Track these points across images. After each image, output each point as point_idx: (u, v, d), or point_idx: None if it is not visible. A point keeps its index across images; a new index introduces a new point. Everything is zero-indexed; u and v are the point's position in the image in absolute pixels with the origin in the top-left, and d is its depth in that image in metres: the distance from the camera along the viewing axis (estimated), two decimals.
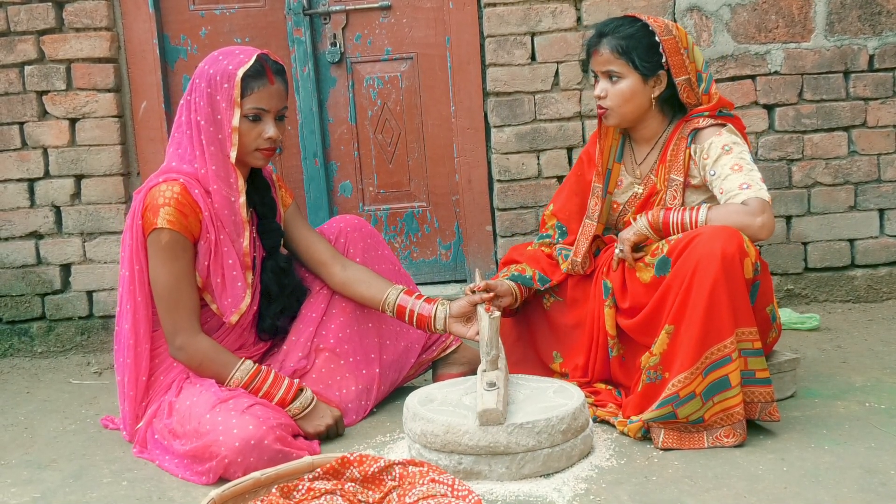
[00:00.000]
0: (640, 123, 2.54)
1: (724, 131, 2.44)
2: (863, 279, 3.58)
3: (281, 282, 2.56)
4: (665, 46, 2.45)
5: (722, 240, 2.20)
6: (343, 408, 2.52)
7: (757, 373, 2.25)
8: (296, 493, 1.82)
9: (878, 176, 3.54)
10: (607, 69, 2.47)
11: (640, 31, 2.47)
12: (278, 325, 2.58)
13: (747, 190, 2.33)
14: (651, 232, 2.42)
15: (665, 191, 2.50)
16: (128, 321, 2.43)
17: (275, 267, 2.56)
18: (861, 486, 1.98)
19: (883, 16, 3.47)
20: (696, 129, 2.47)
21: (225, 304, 2.44)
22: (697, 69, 2.50)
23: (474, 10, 3.53)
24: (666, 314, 2.27)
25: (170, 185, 2.36)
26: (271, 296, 2.56)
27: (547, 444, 2.10)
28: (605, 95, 2.49)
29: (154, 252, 2.36)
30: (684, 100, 2.50)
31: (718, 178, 2.38)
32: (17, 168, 3.48)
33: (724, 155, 2.39)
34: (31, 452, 2.50)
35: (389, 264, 2.74)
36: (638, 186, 2.59)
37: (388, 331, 2.68)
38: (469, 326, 2.50)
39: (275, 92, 2.42)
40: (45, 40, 3.44)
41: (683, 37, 2.49)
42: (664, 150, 2.53)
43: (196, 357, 2.38)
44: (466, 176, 3.60)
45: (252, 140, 2.41)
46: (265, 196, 2.58)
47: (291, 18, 3.58)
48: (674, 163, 2.48)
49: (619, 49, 2.45)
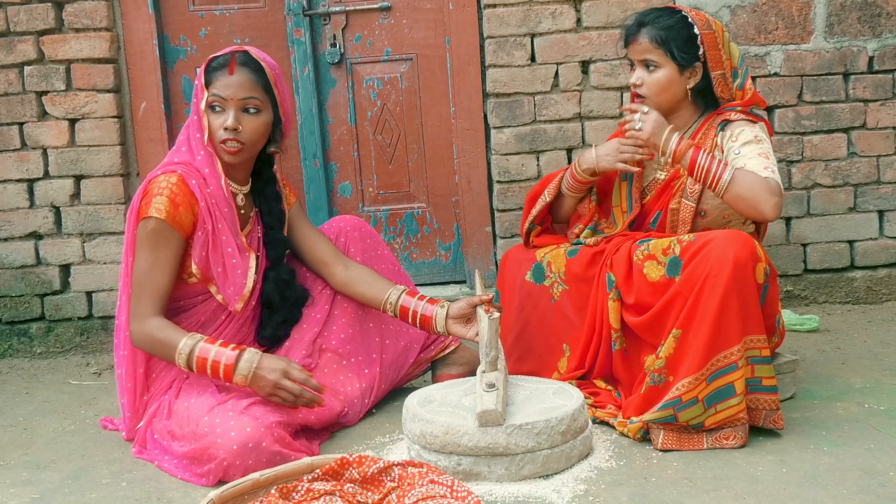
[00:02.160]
0: (673, 113, 2.57)
1: (757, 126, 2.48)
2: (862, 281, 3.58)
3: (283, 293, 2.57)
4: (704, 40, 2.49)
5: (736, 246, 2.21)
6: (347, 407, 2.52)
7: (763, 380, 2.25)
8: (295, 494, 1.82)
9: (877, 177, 3.54)
10: (645, 58, 2.51)
11: (679, 22, 2.51)
12: (280, 335, 2.58)
13: (771, 174, 2.36)
14: (670, 158, 2.42)
15: (686, 176, 2.52)
16: (124, 313, 2.45)
17: (277, 278, 2.56)
18: (860, 488, 1.98)
19: (882, 17, 3.47)
20: (726, 120, 2.51)
21: (228, 293, 2.45)
22: (733, 65, 2.54)
23: (474, 11, 3.53)
24: (674, 318, 2.26)
25: (167, 177, 2.38)
26: (273, 307, 2.56)
27: (546, 446, 2.10)
28: (642, 83, 2.52)
29: (139, 238, 2.37)
30: (718, 94, 2.54)
31: (743, 157, 2.41)
32: (17, 168, 3.48)
33: (753, 143, 2.43)
34: (31, 453, 2.50)
35: (389, 264, 2.75)
36: (660, 173, 2.61)
37: (388, 330, 2.68)
38: (469, 327, 2.50)
39: (234, 82, 2.41)
40: (44, 41, 3.43)
41: (721, 32, 2.53)
42: (692, 139, 2.55)
43: (144, 339, 2.35)
44: (466, 177, 3.60)
45: (216, 131, 2.42)
46: (273, 207, 2.59)
47: (291, 19, 3.58)
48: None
49: (658, 39, 2.49)
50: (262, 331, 2.57)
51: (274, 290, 2.55)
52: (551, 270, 2.64)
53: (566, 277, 2.62)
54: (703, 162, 2.38)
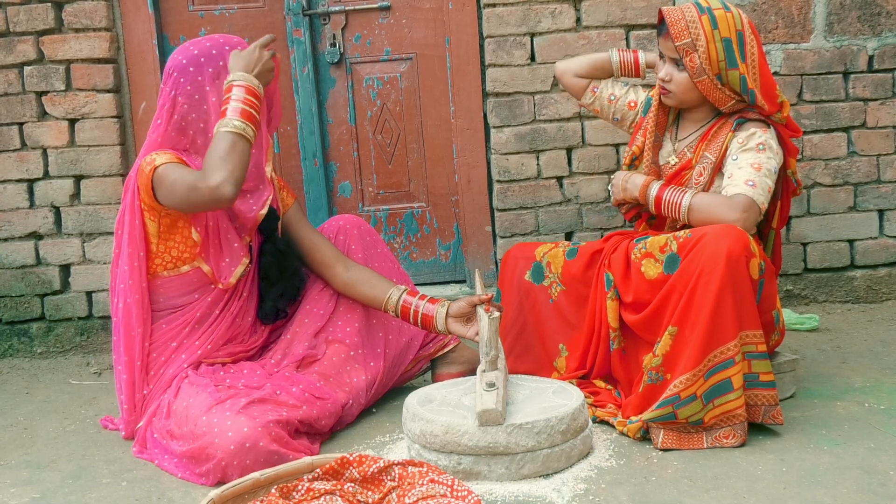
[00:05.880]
0: (695, 108, 2.59)
1: (769, 131, 2.48)
2: (862, 280, 3.58)
3: (280, 265, 2.59)
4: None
5: (729, 241, 2.21)
6: (352, 399, 2.53)
7: (761, 376, 2.25)
8: (295, 494, 1.82)
9: (877, 176, 3.54)
10: (674, 56, 2.51)
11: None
12: (279, 308, 2.59)
13: (749, 188, 2.36)
14: (642, 199, 2.55)
15: (696, 167, 2.54)
16: (121, 300, 2.46)
17: (273, 250, 2.59)
18: (860, 487, 1.98)
19: (882, 16, 3.47)
20: (744, 118, 2.51)
21: (222, 266, 2.46)
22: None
23: (474, 11, 3.52)
24: (669, 315, 2.27)
25: (160, 153, 2.39)
26: (271, 279, 2.58)
27: (546, 445, 2.10)
28: (670, 80, 2.54)
29: (159, 177, 2.33)
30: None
31: (734, 165, 2.44)
32: (17, 168, 3.48)
33: (756, 152, 2.44)
34: (31, 453, 2.50)
35: (389, 262, 2.78)
36: (672, 157, 2.63)
37: (391, 327, 2.71)
38: (469, 326, 2.51)
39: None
40: (44, 41, 3.43)
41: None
42: (707, 131, 2.57)
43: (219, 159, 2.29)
44: (466, 176, 3.60)
45: None
46: None
47: (291, 19, 3.58)
48: (713, 142, 2.52)
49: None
50: (263, 306, 2.60)
51: (272, 262, 2.58)
52: (550, 271, 2.65)
53: (564, 278, 2.62)
54: (666, 197, 2.48)
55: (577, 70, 2.82)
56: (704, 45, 2.42)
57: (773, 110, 2.51)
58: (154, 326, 2.48)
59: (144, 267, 2.43)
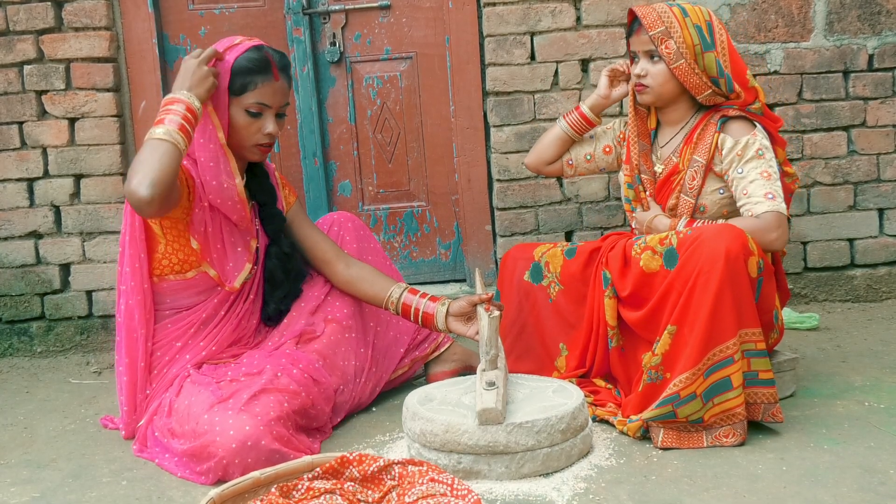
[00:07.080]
0: (672, 105, 2.59)
1: (758, 132, 2.48)
2: (862, 279, 3.58)
3: (286, 267, 2.60)
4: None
5: (726, 239, 2.21)
6: (343, 384, 2.54)
7: (760, 374, 2.25)
8: (295, 493, 1.82)
9: (877, 175, 3.54)
10: (649, 49, 2.52)
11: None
12: (283, 310, 2.61)
13: (771, 201, 2.39)
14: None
15: (686, 171, 2.53)
16: (124, 301, 2.45)
17: (279, 253, 2.60)
18: (860, 486, 1.98)
19: (882, 15, 3.47)
20: (725, 116, 2.51)
21: (227, 269, 2.46)
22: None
23: (474, 10, 3.52)
24: (668, 313, 2.27)
25: None
26: (276, 282, 2.58)
27: (546, 444, 2.10)
28: (646, 74, 2.55)
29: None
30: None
31: (745, 180, 2.44)
32: (17, 168, 3.48)
33: (757, 159, 2.44)
34: (31, 452, 2.50)
35: (381, 258, 2.81)
36: (658, 164, 2.63)
37: (380, 318, 2.73)
38: (469, 325, 2.51)
39: (279, 88, 2.44)
40: (44, 40, 3.43)
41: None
42: (690, 134, 2.57)
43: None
44: (466, 175, 3.60)
45: (251, 135, 2.42)
46: (263, 183, 2.61)
47: (291, 18, 3.58)
48: (699, 144, 2.52)
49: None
50: (266, 308, 2.60)
51: (277, 265, 2.58)
52: (549, 271, 2.65)
53: (562, 278, 2.63)
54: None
55: (545, 158, 2.87)
56: (679, 31, 2.48)
57: (749, 98, 2.54)
58: (159, 326, 2.48)
59: (146, 268, 2.43)
